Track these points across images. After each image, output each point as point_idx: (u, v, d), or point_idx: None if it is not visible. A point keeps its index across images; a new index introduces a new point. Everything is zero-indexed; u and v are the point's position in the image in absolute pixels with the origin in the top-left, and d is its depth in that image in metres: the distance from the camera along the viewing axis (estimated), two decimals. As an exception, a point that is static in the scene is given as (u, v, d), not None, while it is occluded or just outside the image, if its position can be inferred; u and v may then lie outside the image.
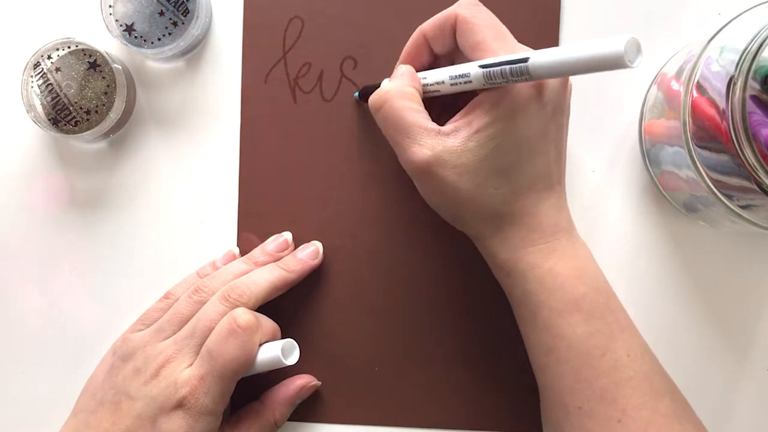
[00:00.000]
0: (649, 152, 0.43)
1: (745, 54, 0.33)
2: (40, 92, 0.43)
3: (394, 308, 0.45)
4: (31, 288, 0.46)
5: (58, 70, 0.43)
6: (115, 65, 0.43)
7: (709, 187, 0.36)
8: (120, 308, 0.46)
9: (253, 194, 0.45)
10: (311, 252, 0.44)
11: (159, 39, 0.43)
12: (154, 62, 0.46)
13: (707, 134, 0.35)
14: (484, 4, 0.38)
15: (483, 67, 0.35)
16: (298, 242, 0.45)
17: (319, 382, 0.44)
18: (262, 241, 0.45)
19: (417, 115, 0.37)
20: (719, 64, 0.35)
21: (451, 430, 0.45)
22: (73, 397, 0.42)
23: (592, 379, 0.36)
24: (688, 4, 0.45)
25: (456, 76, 0.37)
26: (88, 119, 0.43)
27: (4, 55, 0.46)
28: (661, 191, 0.44)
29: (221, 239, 0.46)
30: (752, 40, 0.33)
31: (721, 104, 0.34)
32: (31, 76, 0.43)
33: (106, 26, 0.43)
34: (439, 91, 0.38)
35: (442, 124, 0.37)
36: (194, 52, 0.46)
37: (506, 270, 0.38)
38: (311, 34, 0.45)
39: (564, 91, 0.38)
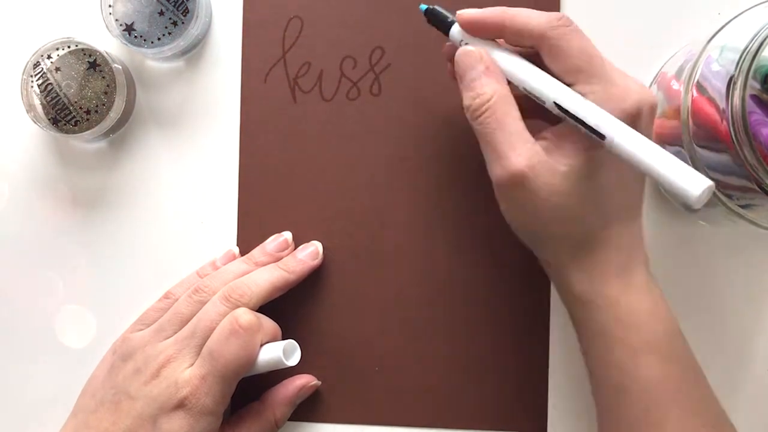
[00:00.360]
0: (649, 152, 0.43)
1: (745, 53, 0.33)
2: (40, 92, 0.43)
3: (394, 308, 0.45)
4: (31, 288, 0.46)
5: (57, 69, 0.43)
6: (115, 65, 0.43)
7: (709, 186, 0.36)
8: (120, 308, 0.45)
9: (253, 194, 0.45)
10: (311, 252, 0.44)
11: (159, 39, 0.43)
12: (153, 62, 0.46)
13: (707, 134, 0.35)
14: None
15: (559, 107, 0.34)
16: (298, 242, 0.45)
17: (319, 382, 0.44)
18: (262, 241, 0.45)
19: (518, 123, 0.35)
20: (719, 63, 0.35)
21: (450, 430, 0.45)
22: (73, 397, 0.42)
23: (663, 422, 0.35)
24: (688, 4, 0.45)
25: (530, 90, 0.36)
26: (88, 119, 0.43)
27: (4, 55, 0.46)
28: (661, 191, 0.44)
29: (221, 239, 0.46)
30: (752, 40, 0.33)
31: (721, 104, 0.34)
32: (31, 76, 0.43)
33: (106, 26, 0.43)
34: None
35: None
36: (194, 51, 0.46)
37: (582, 301, 0.37)
38: (311, 34, 0.45)
39: None
